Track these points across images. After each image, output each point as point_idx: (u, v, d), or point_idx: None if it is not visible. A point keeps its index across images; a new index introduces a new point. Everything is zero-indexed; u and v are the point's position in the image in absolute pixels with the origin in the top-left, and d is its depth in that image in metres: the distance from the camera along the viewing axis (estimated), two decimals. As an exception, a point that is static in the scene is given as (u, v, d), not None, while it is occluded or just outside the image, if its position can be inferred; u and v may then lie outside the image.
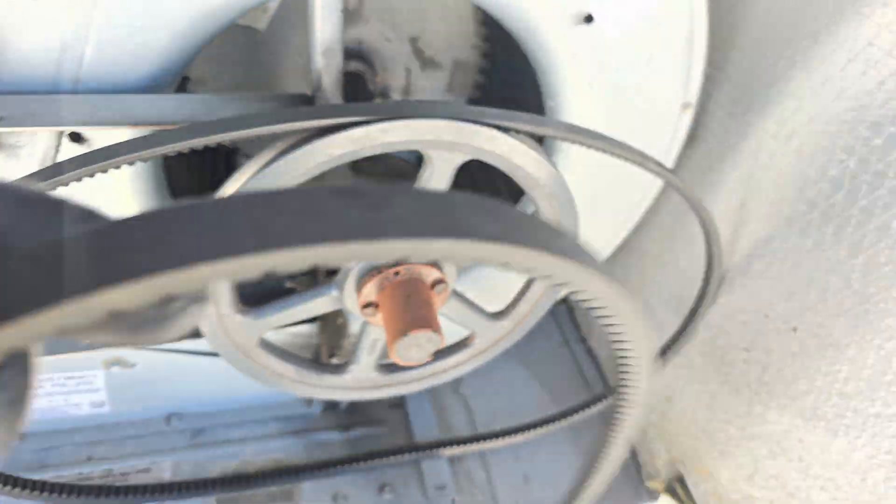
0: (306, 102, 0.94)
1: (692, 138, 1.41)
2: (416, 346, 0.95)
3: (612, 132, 1.23)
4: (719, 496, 1.36)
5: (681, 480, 1.47)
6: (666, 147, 1.28)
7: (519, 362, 1.77)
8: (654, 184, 1.38)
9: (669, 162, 1.30)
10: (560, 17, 1.02)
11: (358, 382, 1.12)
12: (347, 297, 0.98)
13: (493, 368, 1.74)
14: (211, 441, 1.44)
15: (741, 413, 1.28)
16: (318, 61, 0.89)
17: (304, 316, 1.03)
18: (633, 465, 1.59)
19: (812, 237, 1.11)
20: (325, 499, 1.40)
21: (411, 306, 0.97)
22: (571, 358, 1.80)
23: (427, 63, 1.51)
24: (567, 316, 1.91)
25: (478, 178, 1.56)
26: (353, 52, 1.37)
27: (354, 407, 1.56)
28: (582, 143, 0.94)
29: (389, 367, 1.14)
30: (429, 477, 1.45)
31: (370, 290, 0.97)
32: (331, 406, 1.55)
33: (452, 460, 1.51)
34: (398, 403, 1.59)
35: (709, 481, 1.38)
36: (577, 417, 1.53)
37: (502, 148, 0.90)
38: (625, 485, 1.56)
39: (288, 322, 1.01)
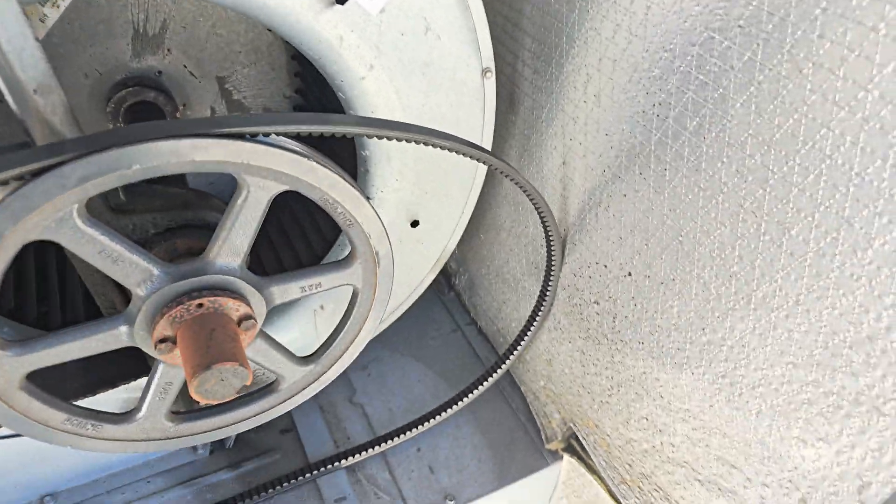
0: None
1: (511, 103, 1.37)
2: (221, 381, 0.87)
3: (416, 113, 1.19)
4: (607, 445, 1.34)
5: (575, 437, 1.44)
6: (479, 118, 1.23)
7: (413, 358, 1.72)
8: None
9: (488, 131, 1.25)
10: (307, 1, 0.95)
11: (145, 432, 0.96)
12: (138, 333, 0.87)
13: (386, 371, 1.69)
14: (93, 513, 1.35)
15: (606, 363, 1.26)
16: (30, 102, 0.78)
17: (81, 353, 0.86)
18: (534, 432, 1.56)
19: (625, 181, 1.09)
20: (227, 540, 1.32)
21: (215, 339, 0.88)
22: (465, 341, 1.77)
23: (234, 106, 1.43)
24: (456, 303, 1.87)
25: (299, 215, 1.48)
26: (149, 81, 1.28)
27: (243, 441, 1.49)
28: (377, 136, 0.86)
29: (183, 415, 1.01)
30: (327, 492, 1.39)
31: (165, 324, 0.86)
32: (218, 446, 1.47)
33: (352, 470, 1.45)
34: (288, 428, 1.52)
35: (596, 433, 1.36)
36: (471, 397, 1.49)
37: (308, 175, 0.82)
38: (529, 451, 1.53)
39: (59, 360, 0.85)
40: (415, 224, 1.34)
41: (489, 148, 1.28)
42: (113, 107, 1.27)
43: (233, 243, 0.86)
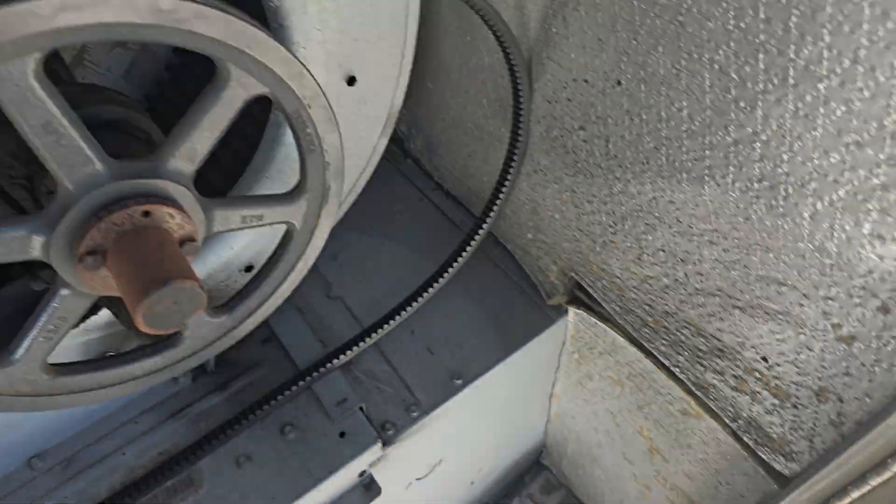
0: None
1: None
2: (174, 305, 0.65)
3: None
4: (619, 287, 1.13)
5: (579, 287, 1.24)
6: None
7: (383, 237, 1.48)
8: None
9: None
10: None
11: (11, 384, 0.74)
12: (56, 240, 0.65)
13: (361, 257, 1.46)
14: (85, 465, 1.16)
15: (604, 198, 1.03)
16: None
17: None
18: (532, 290, 1.36)
19: (597, -38, 0.80)
20: (229, 468, 1.14)
21: (168, 254, 0.67)
22: (434, 208, 1.52)
23: None
24: (416, 169, 1.60)
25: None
26: None
27: (224, 361, 1.27)
28: None
29: (64, 368, 0.80)
30: (326, 399, 1.20)
31: (100, 232, 0.65)
32: (199, 371, 1.26)
33: (347, 369, 1.26)
34: (268, 337, 1.30)
35: (603, 277, 1.15)
36: (456, 266, 1.27)
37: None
38: (530, 311, 1.34)
39: None
40: (351, 81, 1.05)
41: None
42: None
43: (192, 145, 0.68)
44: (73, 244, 0.66)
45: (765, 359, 0.94)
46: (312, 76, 0.71)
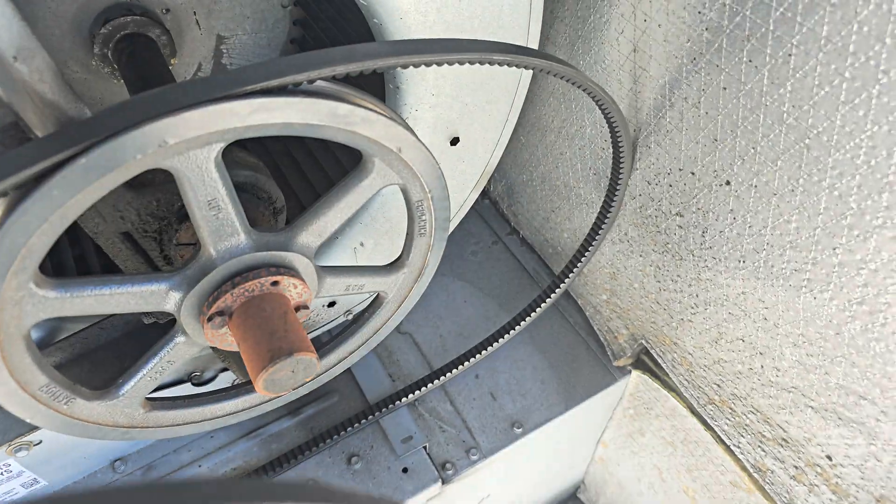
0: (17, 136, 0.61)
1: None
2: (291, 373, 0.70)
3: (459, 26, 0.93)
4: (689, 363, 1.16)
5: (647, 353, 1.27)
6: (525, 22, 0.96)
7: (455, 277, 1.52)
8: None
9: (536, 15, 0.98)
10: None
11: (111, 416, 0.77)
12: (190, 299, 0.70)
13: (431, 295, 1.51)
14: (163, 473, 1.22)
15: (690, 280, 1.06)
16: (13, 73, 0.56)
17: (106, 308, 0.67)
18: (598, 347, 1.39)
19: (725, 71, 0.83)
20: (294, 491, 1.20)
21: (291, 324, 0.72)
22: (508, 254, 1.56)
23: (218, 70, 1.14)
24: (492, 211, 1.64)
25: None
26: (154, 16, 0.99)
27: (297, 384, 1.33)
28: (433, 63, 0.65)
29: (158, 404, 0.84)
30: (392, 433, 1.25)
31: (232, 296, 0.70)
32: (272, 392, 1.32)
33: (413, 406, 1.31)
34: (341, 365, 1.36)
35: (674, 350, 1.19)
36: (530, 319, 1.31)
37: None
38: (594, 368, 1.37)
39: (82, 311, 0.65)
40: (454, 142, 1.09)
41: (536, 40, 1.01)
42: (101, 42, 0.99)
43: (324, 224, 0.73)
44: (203, 302, 0.71)
45: (829, 457, 0.96)
46: (441, 173, 0.76)
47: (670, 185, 1.01)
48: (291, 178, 1.22)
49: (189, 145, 0.56)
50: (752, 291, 0.95)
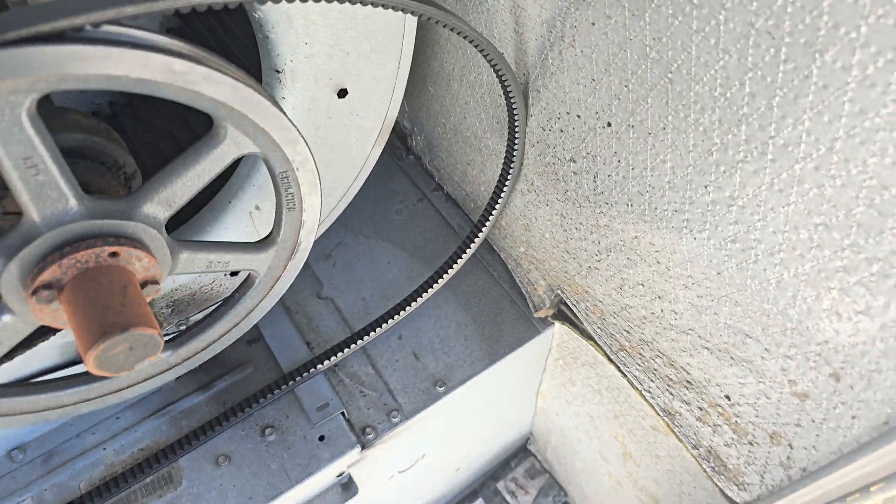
0: None
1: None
2: (130, 350, 0.68)
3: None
4: (600, 311, 1.17)
5: (564, 304, 1.27)
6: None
7: (379, 238, 1.51)
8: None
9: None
10: None
11: None
12: (10, 270, 0.65)
13: (352, 257, 1.49)
14: (66, 459, 1.21)
15: (591, 227, 1.05)
16: None
17: None
18: (520, 300, 1.39)
19: (592, 5, 0.81)
20: (208, 466, 1.20)
21: (130, 298, 0.68)
22: (433, 211, 1.54)
23: None
24: (417, 168, 1.62)
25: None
26: None
27: (210, 360, 1.32)
28: None
29: None
30: (308, 402, 1.25)
31: (59, 268, 0.66)
32: (185, 368, 1.31)
33: (332, 371, 1.31)
34: (256, 338, 1.35)
35: (587, 299, 1.19)
36: (449, 274, 1.30)
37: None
38: (518, 321, 1.37)
39: None
40: (342, 94, 1.06)
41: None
42: None
43: (173, 193, 0.70)
44: (27, 275, 0.66)
45: (727, 397, 0.98)
46: (306, 143, 0.73)
47: (561, 131, 1.00)
48: (147, 144, 1.18)
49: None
50: (643, 235, 0.94)
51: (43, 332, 0.91)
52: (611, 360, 1.21)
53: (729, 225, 0.78)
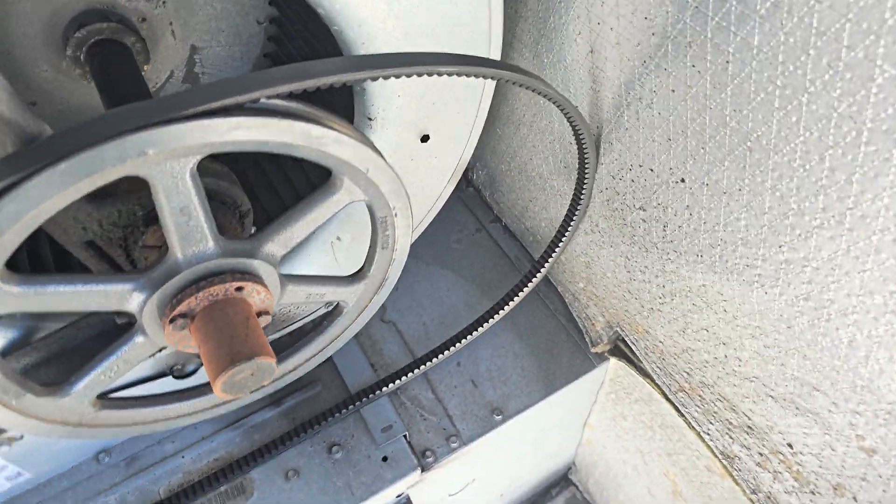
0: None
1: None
2: (251, 377, 0.76)
3: (420, 31, 0.97)
4: (660, 351, 1.22)
5: (623, 341, 1.33)
6: (486, 25, 0.99)
7: (439, 265, 1.58)
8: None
9: (497, 17, 1.01)
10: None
11: (61, 413, 0.81)
12: (152, 301, 0.74)
13: (415, 283, 1.57)
14: (148, 464, 1.31)
15: (657, 271, 1.11)
16: None
17: (71, 306, 0.71)
18: (576, 333, 1.45)
19: (672, 74, 0.87)
20: (279, 479, 1.28)
21: (252, 328, 0.77)
22: (491, 242, 1.61)
23: (190, 78, 1.17)
24: (477, 199, 1.69)
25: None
26: (130, 24, 1.03)
27: (281, 376, 1.41)
28: (400, 74, 0.69)
29: (109, 403, 0.88)
30: (373, 423, 1.32)
31: (195, 300, 0.75)
32: (256, 384, 1.39)
33: (395, 394, 1.38)
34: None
35: (647, 339, 1.24)
36: (509, 307, 1.36)
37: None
38: (574, 354, 1.43)
39: (48, 308, 0.69)
40: (425, 139, 1.14)
41: (499, 39, 1.04)
42: (74, 46, 1.03)
43: (290, 235, 0.79)
44: (166, 304, 0.75)
45: (790, 445, 1.02)
46: (407, 194, 0.81)
47: (632, 181, 1.06)
48: (258, 185, 1.28)
49: (167, 156, 0.61)
50: (711, 284, 1.00)
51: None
52: (668, 400, 1.26)
53: (802, 284, 0.83)
